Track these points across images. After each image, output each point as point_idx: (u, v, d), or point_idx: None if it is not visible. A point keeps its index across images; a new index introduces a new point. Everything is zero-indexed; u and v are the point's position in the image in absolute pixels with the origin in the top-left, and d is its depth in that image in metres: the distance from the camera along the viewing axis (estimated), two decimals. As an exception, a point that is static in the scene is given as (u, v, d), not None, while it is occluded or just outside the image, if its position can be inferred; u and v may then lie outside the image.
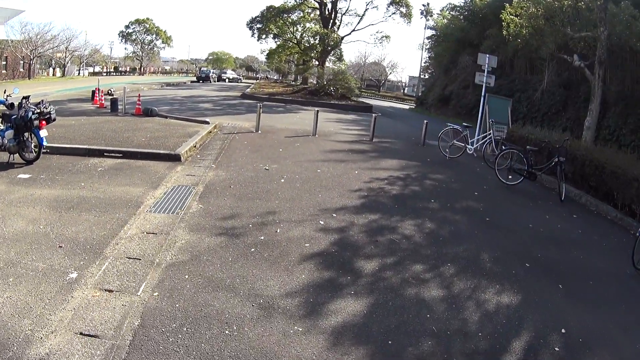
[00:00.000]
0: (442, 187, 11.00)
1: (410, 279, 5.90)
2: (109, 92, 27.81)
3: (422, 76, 58.74)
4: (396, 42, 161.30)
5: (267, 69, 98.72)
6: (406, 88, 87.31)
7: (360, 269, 6.07)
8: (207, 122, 17.08)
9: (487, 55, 17.78)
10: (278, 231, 7.06)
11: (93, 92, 23.00)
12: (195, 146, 12.48)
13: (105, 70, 76.07)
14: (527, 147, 12.27)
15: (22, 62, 45.10)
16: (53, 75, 57.30)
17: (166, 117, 18.30)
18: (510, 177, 12.01)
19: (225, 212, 7.68)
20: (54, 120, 10.16)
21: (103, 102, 20.98)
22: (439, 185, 11.15)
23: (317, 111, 16.85)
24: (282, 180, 9.79)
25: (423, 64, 57.27)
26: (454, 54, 37.87)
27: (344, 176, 10.77)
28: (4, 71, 41.87)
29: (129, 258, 5.75)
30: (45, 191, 7.97)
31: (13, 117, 9.28)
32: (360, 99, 37.57)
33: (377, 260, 6.38)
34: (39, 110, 9.51)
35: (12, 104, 9.52)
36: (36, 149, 9.63)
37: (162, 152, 11.09)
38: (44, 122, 9.64)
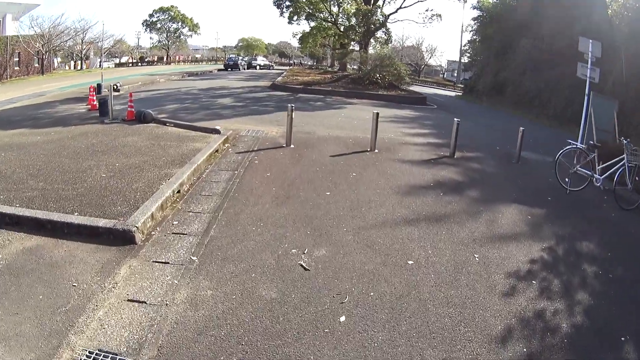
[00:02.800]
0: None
1: None
2: (115, 87, 24.05)
3: (462, 60, 54.52)
4: (434, 24, 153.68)
5: (300, 54, 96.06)
6: (445, 73, 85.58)
7: None
8: (218, 131, 12.59)
9: (590, 41, 12.50)
10: None
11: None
12: (179, 191, 7.87)
13: (131, 60, 74.11)
14: None
15: (36, 57, 42.48)
16: (76, 68, 54.70)
17: (165, 123, 13.93)
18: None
19: None
20: None
21: (95, 103, 16.85)
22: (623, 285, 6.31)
23: (377, 115, 11.89)
24: (342, 319, 4.57)
25: (463, 47, 52.90)
26: (506, 36, 33.62)
27: (460, 278, 5.59)
28: (17, 68, 39.46)
29: None
30: None
31: None
32: (409, 88, 32.37)
33: None
34: None
35: None
36: None
37: (101, 224, 6.13)
38: None
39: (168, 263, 5.47)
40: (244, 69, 57.44)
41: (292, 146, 11.69)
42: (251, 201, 7.62)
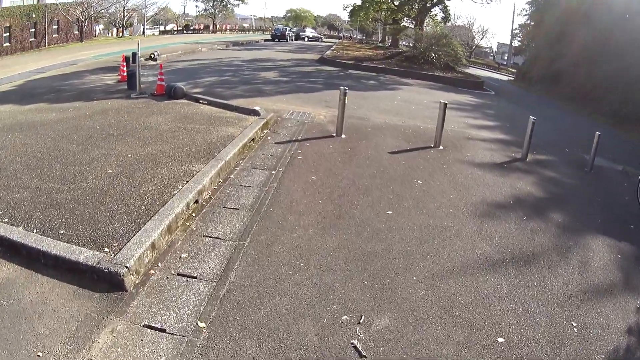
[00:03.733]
0: None
1: None
2: (152, 56, 22.74)
3: (512, 43, 52.16)
4: (493, 5, 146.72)
5: (349, 28, 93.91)
6: (495, 55, 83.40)
7: None
8: (257, 113, 10.83)
9: None
10: None
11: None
12: (197, 201, 6.13)
13: (177, 28, 73.40)
14: None
15: (75, 25, 42.22)
16: (118, 35, 54.10)
17: (197, 99, 12.26)
18: None
19: None
20: None
21: (125, 74, 15.38)
22: None
23: (444, 106, 9.78)
24: None
25: (514, 31, 50.40)
26: (562, 24, 31.26)
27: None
28: (55, 35, 39.16)
29: None
30: None
31: None
32: (465, 70, 29.72)
33: None
34: None
35: None
36: None
37: (83, 259, 4.42)
38: None
39: (164, 331, 3.77)
40: (292, 40, 55.30)
41: (343, 136, 9.82)
42: (290, 222, 5.82)
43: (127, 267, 4.36)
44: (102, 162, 7.25)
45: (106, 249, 4.73)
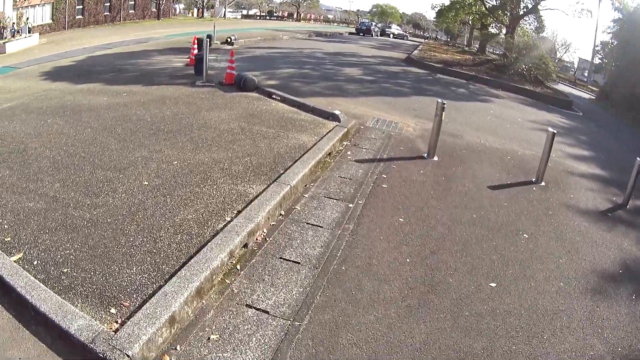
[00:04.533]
0: None
1: None
2: (228, 40, 21.79)
3: (594, 60, 48.92)
4: (583, 19, 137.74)
5: (434, 28, 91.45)
6: (576, 71, 78.78)
7: None
8: (337, 118, 9.24)
9: None
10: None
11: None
12: (246, 245, 4.57)
13: (259, 14, 73.54)
14: None
15: (153, 2, 42.63)
16: (198, 16, 54.56)
17: (270, 94, 10.85)
18: None
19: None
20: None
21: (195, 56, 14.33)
22: None
23: (552, 136, 7.72)
24: None
25: (596, 47, 47.04)
26: None
27: None
28: (132, 11, 39.37)
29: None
30: None
31: None
32: (554, 86, 27.08)
33: None
34: None
35: None
36: None
37: (74, 330, 3.11)
38: None
39: None
40: (377, 35, 53.53)
41: (435, 159, 8.05)
42: (366, 292, 4.15)
43: (129, 357, 2.92)
44: (140, 168, 5.94)
45: (112, 310, 3.39)
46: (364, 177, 6.76)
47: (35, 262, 3.90)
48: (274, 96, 10.74)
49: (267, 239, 4.77)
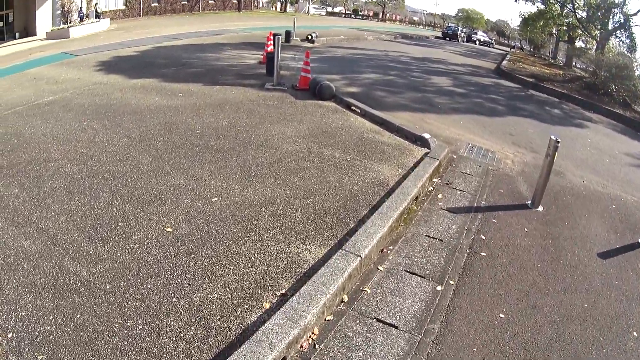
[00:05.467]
0: None
1: None
2: (309, 37, 20.47)
3: None
4: None
5: (518, 37, 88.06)
6: None
7: None
8: (426, 143, 7.52)
9: None
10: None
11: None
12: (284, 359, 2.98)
13: (344, 12, 72.74)
14: None
15: None
16: (281, 10, 54.30)
17: (348, 105, 9.27)
18: None
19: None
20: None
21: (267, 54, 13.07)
22: None
23: None
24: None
25: None
26: None
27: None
28: (211, 1, 39.28)
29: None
30: None
31: None
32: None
33: None
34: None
35: None
36: None
37: None
38: None
39: None
40: (463, 41, 51.18)
41: (540, 209, 6.17)
42: None
43: None
44: (168, 204, 4.57)
45: None
46: (458, 237, 5.01)
47: (10, 335, 2.93)
48: (353, 108, 9.16)
49: (317, 345, 3.19)
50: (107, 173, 5.19)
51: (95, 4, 24.40)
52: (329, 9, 71.83)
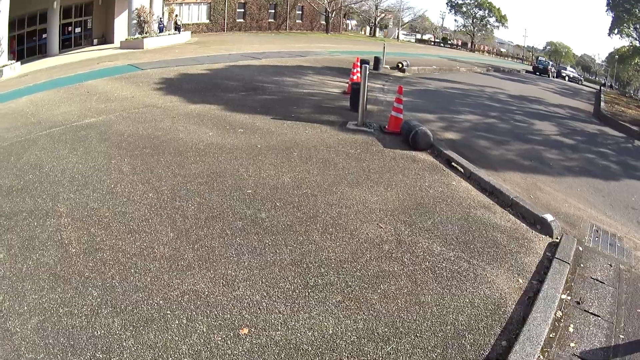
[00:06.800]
0: None
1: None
2: (399, 65, 18.57)
3: None
4: None
5: (604, 73, 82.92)
6: None
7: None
8: (548, 229, 5.35)
9: None
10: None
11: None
12: None
13: (433, 39, 70.85)
14: None
15: (323, 14, 41.88)
16: (370, 34, 53.39)
17: (449, 160, 7.23)
18: None
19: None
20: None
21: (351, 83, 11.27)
22: None
23: None
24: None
25: None
26: None
27: None
28: (299, 21, 38.84)
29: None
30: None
31: None
32: None
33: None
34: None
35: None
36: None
37: None
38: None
39: None
40: (553, 76, 48.02)
41: None
42: None
43: None
44: (173, 330, 2.93)
45: None
46: None
47: None
48: (453, 164, 7.12)
49: None
50: (108, 252, 3.61)
51: (176, 16, 23.79)
52: (418, 36, 70.17)
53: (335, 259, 3.96)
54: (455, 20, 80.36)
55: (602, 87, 52.07)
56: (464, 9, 73.72)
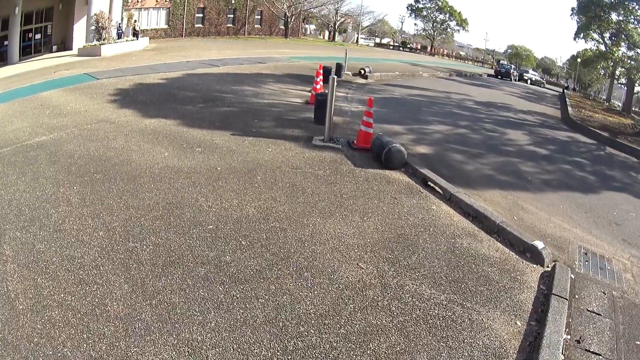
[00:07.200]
0: None
1: None
2: (362, 72, 18.24)
3: None
4: None
5: (565, 75, 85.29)
6: None
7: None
8: (539, 258, 5.00)
9: None
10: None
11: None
12: None
13: (392, 43, 71.38)
14: None
15: (282, 19, 41.80)
16: (328, 39, 53.54)
17: (425, 180, 6.82)
18: None
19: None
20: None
21: (315, 93, 10.73)
22: None
23: None
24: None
25: None
26: None
27: None
28: (257, 26, 38.47)
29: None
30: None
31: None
32: None
33: None
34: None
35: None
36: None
37: None
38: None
39: None
40: (515, 80, 48.84)
41: None
42: None
43: None
44: None
45: None
46: None
47: None
48: (430, 184, 6.71)
49: None
50: (57, 309, 3.07)
51: (135, 21, 22.89)
52: (377, 40, 70.65)
53: (315, 312, 3.42)
54: (415, 24, 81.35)
55: (565, 90, 53.32)
56: (425, 13, 74.37)
